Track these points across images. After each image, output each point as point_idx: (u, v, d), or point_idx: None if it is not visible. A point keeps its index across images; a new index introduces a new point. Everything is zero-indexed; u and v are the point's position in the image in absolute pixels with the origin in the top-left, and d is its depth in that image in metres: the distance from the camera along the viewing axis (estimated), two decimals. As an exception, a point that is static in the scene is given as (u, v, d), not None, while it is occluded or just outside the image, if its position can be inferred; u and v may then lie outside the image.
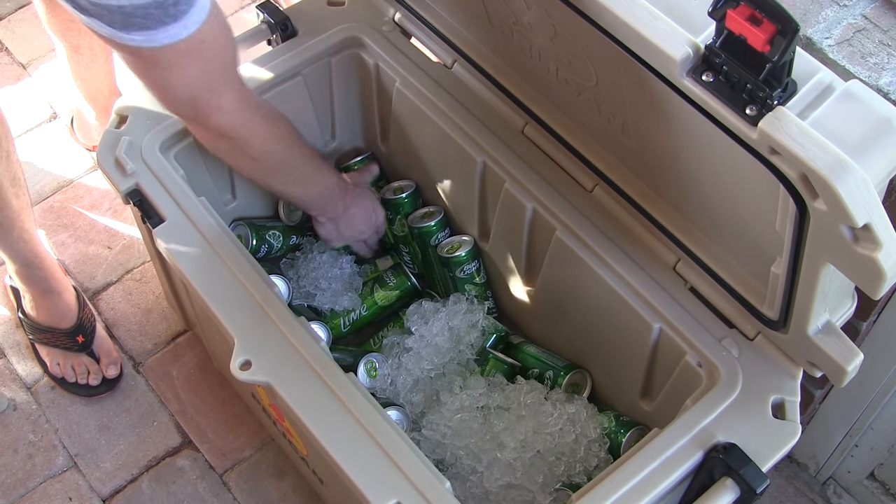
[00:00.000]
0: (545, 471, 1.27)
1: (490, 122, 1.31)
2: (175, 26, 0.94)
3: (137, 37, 0.94)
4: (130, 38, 0.94)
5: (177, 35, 0.95)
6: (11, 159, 1.40)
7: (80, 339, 1.58)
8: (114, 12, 0.92)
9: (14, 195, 1.42)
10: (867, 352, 1.03)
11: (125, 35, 0.94)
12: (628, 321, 1.19)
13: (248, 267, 1.16)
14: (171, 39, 0.95)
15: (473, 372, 1.40)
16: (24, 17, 2.07)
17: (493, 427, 1.30)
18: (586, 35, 0.96)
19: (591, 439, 1.29)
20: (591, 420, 1.30)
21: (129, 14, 0.91)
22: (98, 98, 1.76)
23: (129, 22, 0.92)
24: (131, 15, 0.91)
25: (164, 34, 0.94)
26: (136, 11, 0.91)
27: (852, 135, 0.79)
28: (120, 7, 0.91)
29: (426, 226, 1.46)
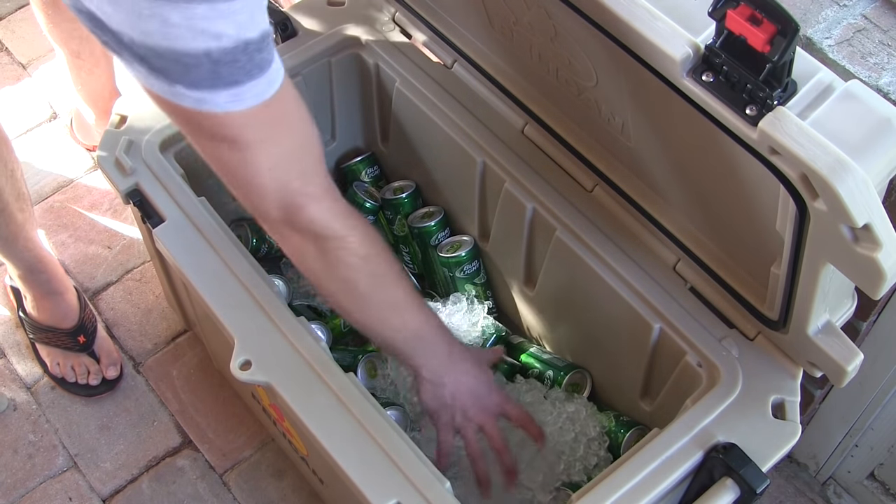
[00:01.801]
0: (545, 469, 1.27)
1: (490, 122, 1.31)
2: (261, 80, 0.84)
3: (224, 98, 0.83)
4: (217, 100, 0.83)
5: (263, 93, 0.85)
6: (16, 176, 1.42)
7: (81, 339, 1.59)
8: (201, 62, 0.80)
9: (19, 209, 1.44)
10: (867, 352, 1.03)
11: (212, 97, 0.82)
12: (628, 321, 1.19)
13: (248, 267, 1.16)
14: (257, 99, 0.85)
15: None
16: (24, 17, 2.07)
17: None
18: (586, 35, 0.96)
19: (590, 437, 1.29)
20: (591, 419, 1.30)
21: (216, 62, 0.80)
22: (99, 101, 1.77)
23: (216, 75, 0.81)
24: (219, 63, 0.80)
25: (251, 91, 0.84)
26: (223, 58, 0.80)
27: (852, 135, 0.79)
28: (207, 53, 0.79)
29: (426, 226, 1.46)
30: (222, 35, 0.79)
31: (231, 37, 0.79)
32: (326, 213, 0.99)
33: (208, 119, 0.85)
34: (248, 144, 0.90)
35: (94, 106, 1.78)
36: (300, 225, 0.98)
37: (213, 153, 0.92)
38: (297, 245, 1.02)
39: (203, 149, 0.93)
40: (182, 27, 0.77)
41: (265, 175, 0.93)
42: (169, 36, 0.78)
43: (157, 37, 0.78)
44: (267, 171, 0.93)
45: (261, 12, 0.82)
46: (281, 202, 0.96)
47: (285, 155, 0.93)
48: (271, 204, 0.96)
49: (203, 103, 0.83)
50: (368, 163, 1.54)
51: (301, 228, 0.99)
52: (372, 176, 1.55)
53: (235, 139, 0.89)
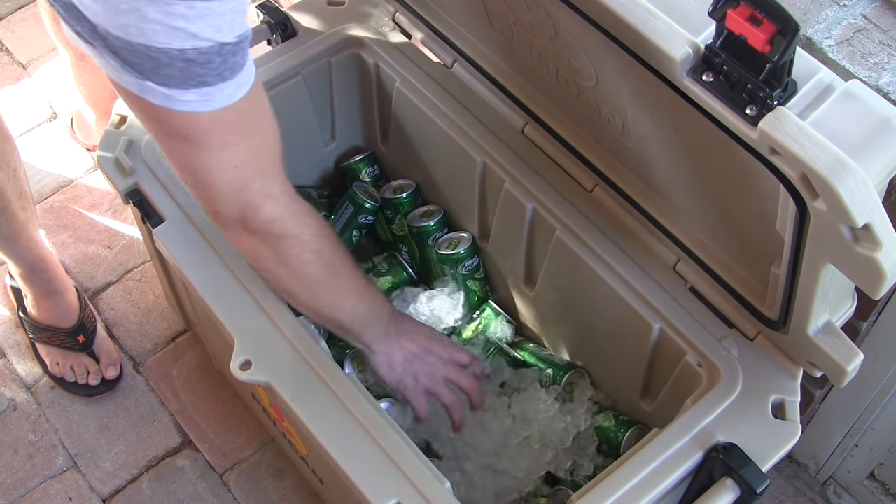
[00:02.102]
0: (529, 457, 1.27)
1: (490, 122, 1.31)
2: (231, 84, 0.85)
3: (192, 96, 0.83)
4: (185, 99, 0.83)
5: (231, 97, 0.85)
6: (18, 175, 1.42)
7: (80, 338, 1.59)
8: (174, 61, 0.80)
9: (21, 208, 1.44)
10: (867, 352, 1.03)
11: (180, 95, 0.83)
12: (628, 321, 1.19)
13: (248, 266, 1.16)
14: (225, 102, 0.85)
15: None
16: (24, 17, 2.07)
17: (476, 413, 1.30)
18: (586, 35, 0.96)
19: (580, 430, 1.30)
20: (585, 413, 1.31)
21: (190, 62, 0.80)
22: (100, 102, 1.77)
23: (188, 74, 0.81)
24: (192, 62, 0.80)
25: (220, 94, 0.84)
26: (198, 58, 0.80)
27: (852, 135, 0.79)
28: (182, 52, 0.79)
29: (425, 225, 1.46)
30: (198, 35, 0.79)
31: (207, 38, 0.80)
32: (283, 213, 1.00)
33: (174, 117, 0.85)
34: (211, 146, 0.90)
35: (94, 106, 1.78)
36: (256, 225, 0.99)
37: (175, 151, 0.93)
38: (252, 245, 1.03)
39: (165, 145, 0.93)
40: (159, 24, 0.78)
41: (225, 177, 0.94)
42: (145, 31, 0.78)
43: (132, 31, 0.79)
44: (227, 172, 0.94)
45: (240, 16, 0.82)
46: (239, 202, 0.97)
47: (247, 157, 0.94)
48: (228, 203, 0.97)
49: (171, 101, 0.83)
50: (368, 162, 1.54)
51: (256, 229, 1.00)
52: (372, 175, 1.55)
53: (199, 139, 0.89)
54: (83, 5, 0.80)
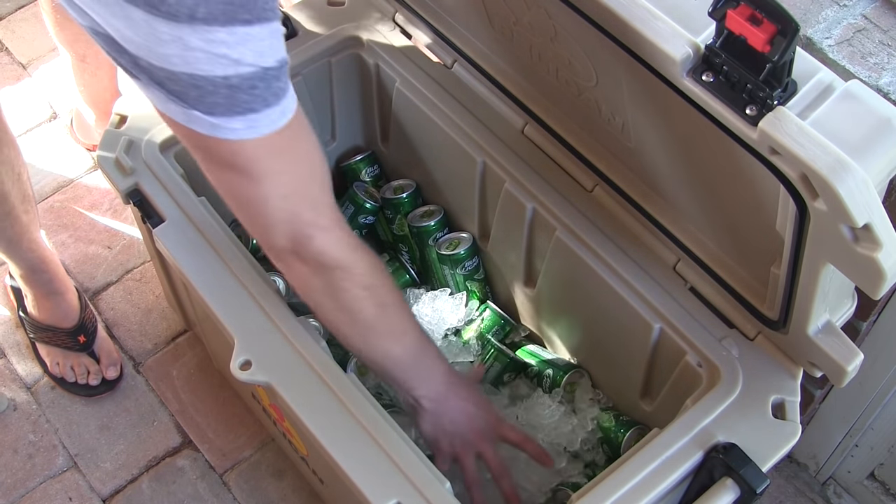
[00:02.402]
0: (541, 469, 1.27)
1: (490, 122, 1.31)
2: (276, 109, 0.84)
3: (239, 124, 0.83)
4: (232, 127, 0.83)
5: (276, 123, 0.85)
6: (22, 179, 1.42)
7: (81, 338, 1.59)
8: (218, 88, 0.80)
9: (24, 211, 1.44)
10: (867, 352, 1.03)
11: (227, 123, 0.82)
12: (628, 321, 1.19)
13: (248, 267, 1.16)
14: (271, 128, 0.85)
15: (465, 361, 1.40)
16: (24, 17, 2.07)
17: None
18: (586, 35, 0.96)
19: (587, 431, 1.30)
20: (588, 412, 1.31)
21: (234, 88, 0.80)
22: (100, 103, 1.77)
23: (233, 101, 0.81)
24: (237, 89, 0.80)
25: (266, 119, 0.84)
26: (242, 84, 0.80)
27: (852, 135, 0.79)
28: (226, 79, 0.79)
29: (425, 225, 1.46)
30: (241, 61, 0.79)
31: (250, 63, 0.79)
32: (336, 244, 0.98)
33: (222, 146, 0.85)
34: (261, 173, 0.89)
35: (94, 106, 1.78)
36: (308, 255, 0.98)
37: (224, 181, 0.92)
38: (303, 276, 1.01)
39: (214, 176, 0.93)
40: (201, 51, 0.77)
41: (276, 205, 0.93)
42: (188, 60, 0.78)
43: (175, 61, 0.78)
44: (278, 200, 0.93)
45: (279, 41, 0.82)
46: (290, 232, 0.95)
47: (296, 185, 0.93)
48: (280, 234, 0.96)
49: (217, 129, 0.83)
50: (368, 162, 1.54)
51: (308, 259, 0.98)
52: (372, 175, 1.55)
53: (248, 167, 0.88)
54: (124, 39, 0.80)
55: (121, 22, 0.78)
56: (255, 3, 0.78)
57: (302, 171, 0.93)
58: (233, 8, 0.76)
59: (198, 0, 0.75)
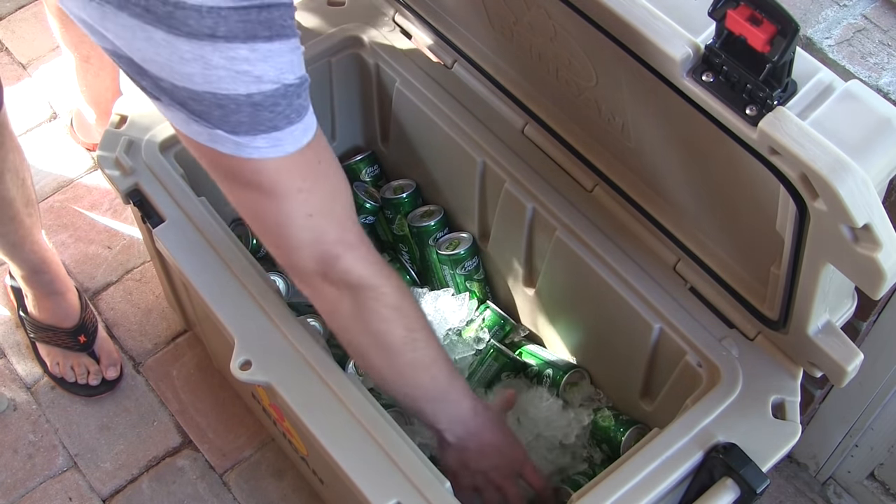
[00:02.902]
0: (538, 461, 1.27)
1: (490, 122, 1.31)
2: (299, 127, 0.84)
3: (262, 142, 0.83)
4: (255, 146, 0.83)
5: (299, 141, 0.85)
6: (27, 185, 1.43)
7: (81, 338, 1.59)
8: (241, 106, 0.80)
9: (27, 215, 1.45)
10: (867, 352, 1.03)
11: (250, 142, 0.82)
12: (628, 321, 1.19)
13: (248, 267, 1.16)
14: (295, 146, 0.85)
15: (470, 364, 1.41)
16: (24, 17, 2.07)
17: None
18: (586, 35, 0.96)
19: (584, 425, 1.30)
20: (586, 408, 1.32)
21: (257, 106, 0.80)
22: (101, 103, 1.77)
23: (257, 119, 0.81)
24: (259, 107, 0.80)
25: (290, 137, 0.84)
26: (264, 101, 0.80)
27: (852, 135, 0.79)
28: (249, 97, 0.79)
29: (425, 225, 1.46)
30: (263, 78, 0.79)
31: (272, 80, 0.80)
32: (362, 262, 0.97)
33: (245, 165, 0.85)
34: (285, 192, 0.89)
35: (95, 107, 1.78)
36: (335, 276, 0.97)
37: (248, 201, 0.91)
38: (331, 298, 1.00)
39: (236, 196, 0.92)
40: (223, 69, 0.78)
41: (301, 224, 0.92)
42: (210, 79, 0.78)
43: (197, 80, 0.79)
44: (303, 220, 0.92)
45: (298, 58, 0.82)
46: (316, 253, 0.94)
47: (321, 203, 0.92)
48: (306, 255, 0.95)
49: (241, 148, 0.83)
50: (368, 162, 1.54)
51: (336, 280, 0.97)
52: (372, 175, 1.55)
53: (271, 187, 0.88)
54: (145, 61, 0.80)
55: (143, 44, 0.78)
56: (273, 21, 0.78)
57: (326, 189, 0.92)
58: (252, 25, 0.77)
59: (217, 20, 0.75)
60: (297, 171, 0.88)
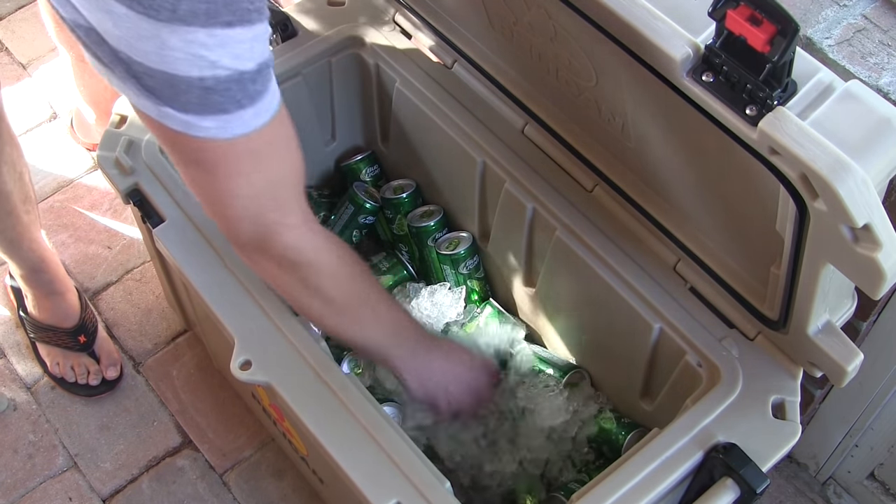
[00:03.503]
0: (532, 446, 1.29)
1: (490, 122, 1.31)
2: (250, 111, 0.84)
3: (210, 123, 0.83)
4: (203, 125, 0.83)
5: (250, 124, 0.85)
6: (24, 180, 1.43)
7: (81, 338, 1.59)
8: (192, 88, 0.80)
9: (25, 212, 1.45)
10: (867, 352, 1.03)
11: (198, 121, 0.83)
12: (628, 321, 1.19)
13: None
14: (243, 129, 0.85)
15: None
16: (24, 17, 2.07)
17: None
18: (586, 35, 0.96)
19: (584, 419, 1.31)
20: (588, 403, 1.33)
21: (208, 90, 0.80)
22: (100, 102, 1.77)
23: (206, 101, 0.81)
24: (211, 90, 0.80)
25: (239, 121, 0.84)
26: (216, 86, 0.80)
27: (852, 135, 0.79)
28: (201, 80, 0.79)
29: (425, 225, 1.46)
30: (218, 63, 0.79)
31: (226, 66, 0.79)
32: (300, 241, 0.99)
33: (192, 143, 0.85)
34: (229, 173, 0.89)
35: (94, 106, 1.78)
36: (273, 252, 0.99)
37: (193, 177, 0.93)
38: (270, 271, 1.03)
39: (183, 171, 0.94)
40: (179, 51, 0.77)
41: (242, 204, 0.93)
42: (166, 59, 0.78)
43: (153, 58, 0.79)
44: (244, 200, 0.92)
45: (261, 43, 0.82)
46: (256, 230, 0.96)
47: (264, 188, 0.93)
48: (246, 230, 0.96)
49: (189, 127, 0.83)
50: (368, 162, 1.54)
51: (274, 256, 0.99)
52: (372, 175, 1.55)
53: (215, 166, 0.88)
54: (105, 32, 0.80)
55: (104, 15, 0.78)
56: (238, 4, 0.77)
57: (273, 174, 0.93)
58: (215, 7, 0.76)
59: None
60: (243, 153, 0.88)
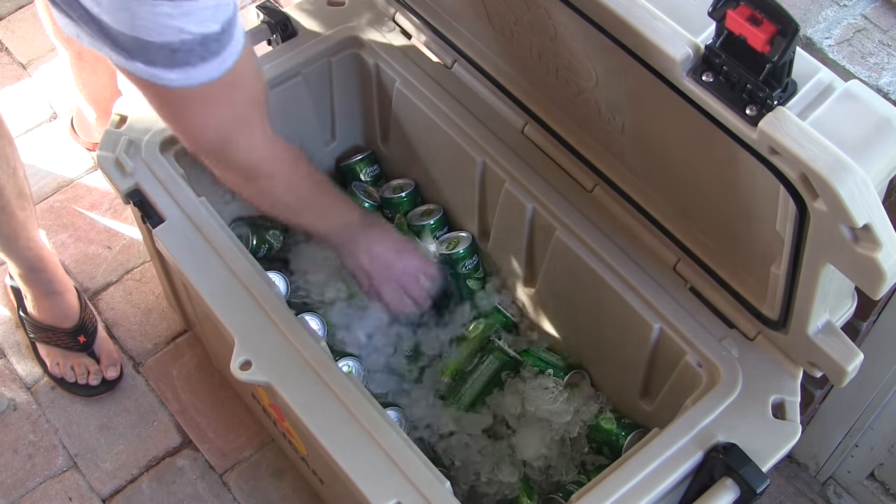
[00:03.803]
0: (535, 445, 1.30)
1: (490, 122, 1.31)
2: (214, 62, 0.90)
3: (177, 75, 0.89)
4: (169, 77, 0.90)
5: (214, 72, 0.91)
6: (18, 175, 1.42)
7: (81, 339, 1.59)
8: (161, 49, 0.87)
9: (20, 207, 1.44)
10: (867, 352, 1.03)
11: (165, 74, 0.89)
12: (628, 321, 1.19)
13: (248, 267, 1.16)
14: (209, 77, 0.91)
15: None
16: (24, 17, 2.07)
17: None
18: (586, 35, 0.96)
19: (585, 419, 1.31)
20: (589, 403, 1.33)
21: (174, 51, 0.87)
22: (100, 101, 1.77)
23: (172, 59, 0.88)
24: (177, 51, 0.87)
25: (203, 71, 0.90)
26: (182, 47, 0.87)
27: (852, 135, 0.79)
28: (168, 44, 0.86)
29: (425, 224, 1.46)
30: (183, 30, 0.85)
31: (192, 32, 0.86)
32: (261, 156, 1.09)
33: (160, 89, 0.92)
34: (195, 110, 0.98)
35: (94, 105, 1.78)
36: (237, 166, 1.09)
37: (161, 111, 1.01)
38: (232, 179, 1.14)
39: (153, 104, 1.00)
40: (147, 21, 0.84)
41: (209, 130, 1.02)
42: (136, 27, 0.85)
43: (124, 26, 0.85)
44: (210, 128, 1.01)
45: (225, 4, 0.87)
46: (220, 150, 1.06)
47: (230, 116, 1.01)
48: (210, 150, 1.08)
49: (156, 78, 0.90)
50: (368, 162, 1.54)
51: (237, 168, 1.10)
52: (372, 175, 1.55)
53: (181, 105, 0.97)
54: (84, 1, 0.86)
55: None
56: None
57: (237, 104, 1.01)
58: None
59: None
60: (208, 96, 0.95)
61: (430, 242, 1.46)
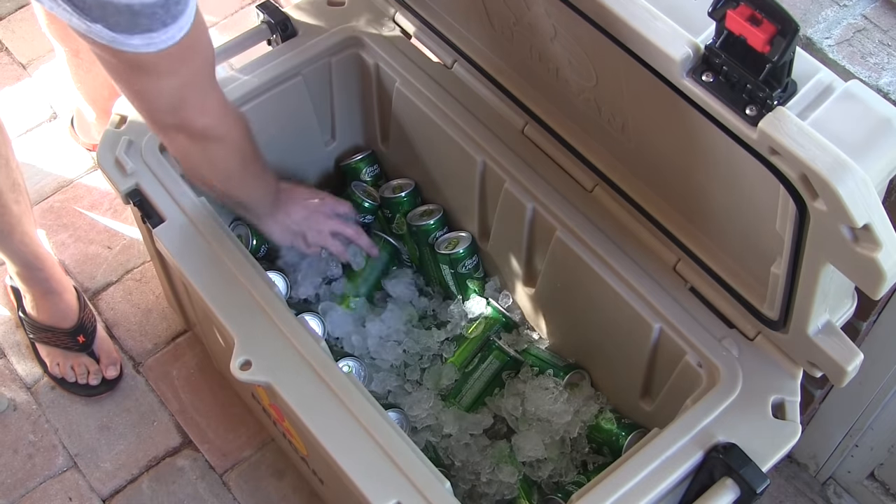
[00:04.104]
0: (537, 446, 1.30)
1: (490, 122, 1.31)
2: (172, 28, 0.93)
3: (137, 41, 0.92)
4: (131, 42, 0.92)
5: (173, 38, 0.94)
6: (11, 165, 1.41)
7: (80, 338, 1.59)
8: (122, 13, 0.89)
9: (14, 201, 1.43)
10: (867, 352, 1.03)
11: (126, 39, 0.92)
12: (628, 321, 1.19)
13: (248, 267, 1.16)
14: (167, 43, 0.94)
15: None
16: (24, 17, 2.07)
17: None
18: (586, 35, 0.96)
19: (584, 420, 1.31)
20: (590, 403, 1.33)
21: (135, 14, 0.90)
22: (98, 100, 1.77)
23: (133, 23, 0.90)
24: (138, 14, 0.90)
25: (163, 37, 0.93)
26: (143, 10, 0.89)
27: (852, 135, 0.79)
28: (129, 6, 0.89)
29: (424, 224, 1.46)
30: None
31: None
32: (215, 121, 1.12)
33: (120, 55, 0.95)
34: (152, 76, 1.00)
35: (93, 104, 1.78)
36: (193, 131, 1.11)
37: (118, 76, 1.03)
38: (184, 145, 1.15)
39: (109, 69, 1.02)
40: None
41: (166, 97, 1.04)
42: None
43: None
44: (166, 94, 1.04)
45: None
46: (175, 117, 1.08)
47: (186, 81, 1.04)
48: (165, 118, 1.09)
49: (116, 43, 0.92)
50: (368, 162, 1.54)
51: (190, 132, 1.11)
52: (372, 175, 1.55)
53: (141, 72, 0.99)
54: None
55: None
56: None
57: (193, 70, 1.03)
58: None
59: None
60: (167, 61, 0.98)
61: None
